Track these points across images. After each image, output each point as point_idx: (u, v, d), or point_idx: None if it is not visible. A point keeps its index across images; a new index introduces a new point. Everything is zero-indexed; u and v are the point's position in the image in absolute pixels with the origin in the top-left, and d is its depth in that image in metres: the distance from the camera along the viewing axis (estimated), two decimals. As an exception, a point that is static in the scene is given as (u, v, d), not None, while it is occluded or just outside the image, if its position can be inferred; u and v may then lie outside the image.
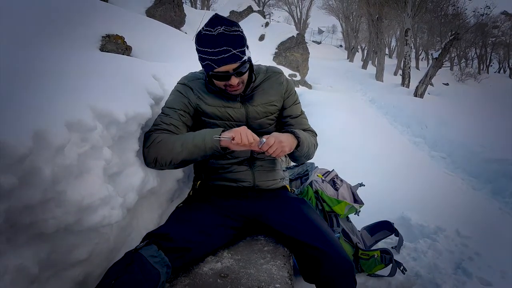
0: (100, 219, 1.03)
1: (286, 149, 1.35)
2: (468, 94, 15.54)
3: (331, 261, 1.21)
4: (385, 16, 17.46)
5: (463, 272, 2.30)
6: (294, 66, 12.10)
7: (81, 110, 0.99)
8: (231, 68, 1.32)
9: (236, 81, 1.36)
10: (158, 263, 1.06)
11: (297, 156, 1.50)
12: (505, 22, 33.81)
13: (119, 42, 3.22)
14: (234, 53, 1.29)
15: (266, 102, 1.52)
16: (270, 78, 1.57)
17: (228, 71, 1.32)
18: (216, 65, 1.30)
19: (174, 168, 1.41)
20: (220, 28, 1.28)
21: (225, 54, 1.28)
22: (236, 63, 1.32)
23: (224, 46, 1.27)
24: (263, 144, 1.29)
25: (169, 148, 1.32)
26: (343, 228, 2.20)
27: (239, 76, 1.37)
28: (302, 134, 1.46)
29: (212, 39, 1.28)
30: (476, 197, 4.01)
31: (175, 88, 1.52)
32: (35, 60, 1.18)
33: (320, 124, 5.53)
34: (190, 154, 1.32)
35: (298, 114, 1.62)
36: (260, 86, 1.54)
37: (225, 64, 1.30)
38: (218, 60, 1.29)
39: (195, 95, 1.46)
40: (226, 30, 1.28)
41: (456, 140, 5.93)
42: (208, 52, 1.29)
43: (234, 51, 1.29)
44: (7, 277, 0.81)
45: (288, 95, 1.60)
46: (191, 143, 1.31)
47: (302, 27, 29.72)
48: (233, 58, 1.30)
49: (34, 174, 0.83)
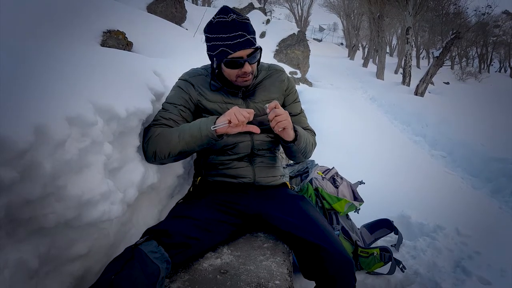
0: (100, 214, 1.03)
1: (289, 123, 1.35)
2: (469, 93, 15.51)
3: (330, 258, 1.21)
4: (386, 14, 17.43)
5: (463, 270, 2.30)
6: (294, 64, 12.08)
7: (81, 105, 0.99)
8: (245, 54, 1.34)
9: (249, 68, 1.37)
10: (158, 259, 1.06)
11: (294, 151, 1.49)
12: (506, 22, 33.79)
13: (120, 38, 3.21)
14: (248, 38, 1.32)
15: (268, 99, 1.52)
16: (272, 76, 1.58)
17: (242, 56, 1.34)
18: (232, 50, 1.32)
19: (174, 160, 1.41)
20: (233, 15, 1.31)
21: (240, 39, 1.30)
22: (251, 49, 1.34)
23: (240, 31, 1.30)
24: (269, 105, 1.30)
25: (167, 140, 1.32)
26: (343, 226, 2.21)
27: (252, 63, 1.38)
28: (300, 129, 1.47)
29: (226, 24, 1.30)
30: (476, 196, 4.01)
31: (176, 84, 1.52)
32: (36, 55, 1.17)
33: (321, 121, 5.54)
34: (187, 144, 1.32)
35: (297, 113, 1.63)
36: (262, 83, 1.55)
37: (241, 49, 1.32)
38: (234, 44, 1.31)
39: (196, 91, 1.47)
40: (238, 17, 1.32)
41: (456, 139, 5.92)
42: (223, 38, 1.30)
43: (248, 36, 1.32)
44: (6, 271, 0.81)
45: (289, 93, 1.61)
46: (188, 133, 1.31)
47: (303, 25, 29.70)
48: (248, 43, 1.32)
49: (35, 169, 0.83)
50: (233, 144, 1.48)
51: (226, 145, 1.49)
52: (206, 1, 23.79)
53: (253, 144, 1.50)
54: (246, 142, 1.49)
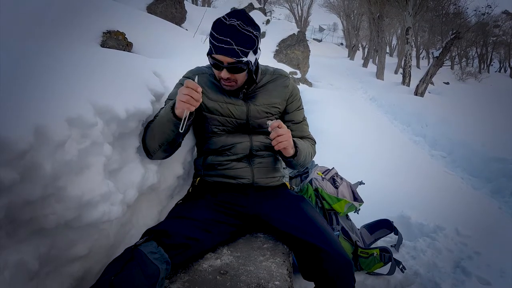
0: (100, 215, 1.03)
1: (290, 143, 1.37)
2: (469, 93, 15.52)
3: (329, 259, 1.21)
4: (386, 15, 17.44)
5: (462, 271, 2.30)
6: (294, 64, 12.09)
7: (81, 106, 0.99)
8: (225, 61, 1.33)
9: (226, 75, 1.37)
10: (157, 260, 1.06)
11: (293, 164, 1.51)
12: (506, 22, 33.83)
13: (120, 38, 3.21)
14: (234, 48, 1.30)
15: (269, 103, 1.53)
16: (276, 80, 1.58)
17: (222, 61, 1.34)
18: (214, 51, 1.33)
19: (164, 152, 1.38)
20: (235, 22, 1.30)
21: (224, 45, 1.29)
22: (232, 59, 1.32)
23: (228, 38, 1.29)
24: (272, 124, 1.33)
25: (151, 135, 1.34)
26: (343, 226, 2.21)
27: (231, 72, 1.37)
28: (301, 144, 1.48)
29: (221, 27, 1.30)
30: (476, 196, 4.01)
31: (179, 81, 1.54)
32: (36, 55, 1.17)
33: (320, 122, 5.53)
34: (162, 133, 1.31)
35: (300, 120, 1.63)
36: (265, 86, 1.55)
37: (221, 54, 1.31)
38: (217, 47, 1.31)
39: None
40: (240, 25, 1.30)
41: (456, 139, 5.92)
42: (214, 37, 1.31)
43: (235, 46, 1.29)
44: (6, 272, 0.81)
45: (292, 100, 1.61)
46: (158, 122, 1.32)
47: (303, 25, 29.73)
48: (229, 52, 1.30)
49: (35, 170, 0.83)
50: (231, 144, 1.49)
51: (225, 146, 1.49)
52: (206, 2, 23.83)
53: (252, 145, 1.50)
54: (244, 143, 1.50)
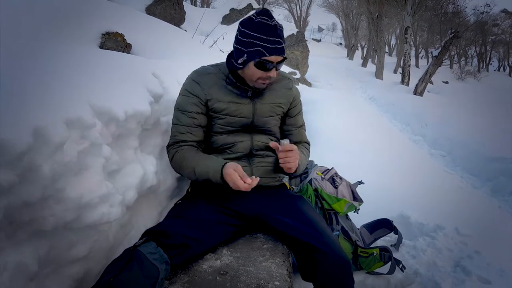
0: (99, 216, 1.03)
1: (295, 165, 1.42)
2: (468, 92, 15.47)
3: (328, 260, 1.21)
4: (385, 14, 17.44)
5: (462, 270, 2.30)
6: (293, 64, 12.07)
7: (80, 107, 0.99)
8: (277, 60, 1.37)
9: (275, 74, 1.42)
10: (157, 260, 1.06)
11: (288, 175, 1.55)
12: (505, 20, 33.84)
13: (118, 40, 3.21)
14: (283, 47, 1.36)
15: (274, 102, 1.54)
16: (280, 81, 1.59)
17: (273, 62, 1.37)
18: (268, 53, 1.34)
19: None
20: (275, 21, 1.35)
21: (278, 45, 1.34)
22: (282, 57, 1.38)
23: (279, 38, 1.34)
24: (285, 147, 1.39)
25: (185, 170, 1.42)
26: (343, 226, 2.21)
27: (278, 70, 1.43)
28: (301, 161, 1.51)
29: (269, 28, 1.33)
30: (475, 196, 4.01)
31: (183, 87, 1.50)
32: (35, 57, 1.17)
33: (320, 122, 5.52)
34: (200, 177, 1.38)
35: (300, 125, 1.68)
36: (271, 86, 1.55)
37: (276, 55, 1.35)
38: (271, 49, 1.33)
39: (203, 90, 1.45)
40: (278, 25, 1.35)
41: (456, 138, 5.92)
42: (263, 39, 1.33)
43: (284, 45, 1.36)
44: (6, 273, 0.81)
45: (295, 104, 1.64)
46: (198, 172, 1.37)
47: (302, 25, 29.71)
48: (282, 51, 1.37)
49: (34, 171, 0.83)
50: (232, 143, 1.49)
51: (225, 144, 1.49)
52: (205, 2, 23.81)
53: (252, 145, 1.50)
54: (245, 141, 1.50)
